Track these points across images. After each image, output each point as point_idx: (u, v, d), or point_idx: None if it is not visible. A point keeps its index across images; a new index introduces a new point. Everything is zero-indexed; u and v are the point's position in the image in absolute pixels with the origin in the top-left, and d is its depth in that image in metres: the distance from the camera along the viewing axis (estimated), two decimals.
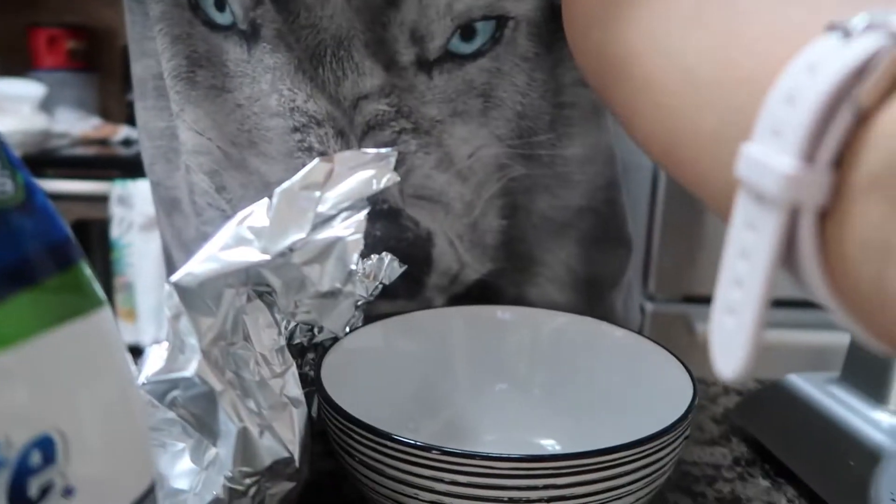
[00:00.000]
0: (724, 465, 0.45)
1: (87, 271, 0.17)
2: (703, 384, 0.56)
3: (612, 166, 0.54)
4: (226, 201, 0.52)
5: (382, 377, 0.42)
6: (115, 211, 1.71)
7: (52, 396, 0.16)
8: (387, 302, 0.50)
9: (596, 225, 0.55)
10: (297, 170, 0.46)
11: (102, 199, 1.71)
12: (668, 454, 0.32)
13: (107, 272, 1.80)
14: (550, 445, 0.43)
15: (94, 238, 1.80)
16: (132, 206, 1.70)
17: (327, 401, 0.34)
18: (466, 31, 0.46)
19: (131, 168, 1.75)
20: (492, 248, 0.52)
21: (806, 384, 0.45)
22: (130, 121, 2.01)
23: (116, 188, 1.70)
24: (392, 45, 0.45)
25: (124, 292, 1.76)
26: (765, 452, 0.46)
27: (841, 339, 0.39)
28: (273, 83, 0.47)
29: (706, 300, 1.63)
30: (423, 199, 0.49)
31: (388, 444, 0.31)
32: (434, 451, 0.30)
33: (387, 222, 0.48)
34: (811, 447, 0.42)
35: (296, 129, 0.47)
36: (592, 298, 0.58)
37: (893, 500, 0.36)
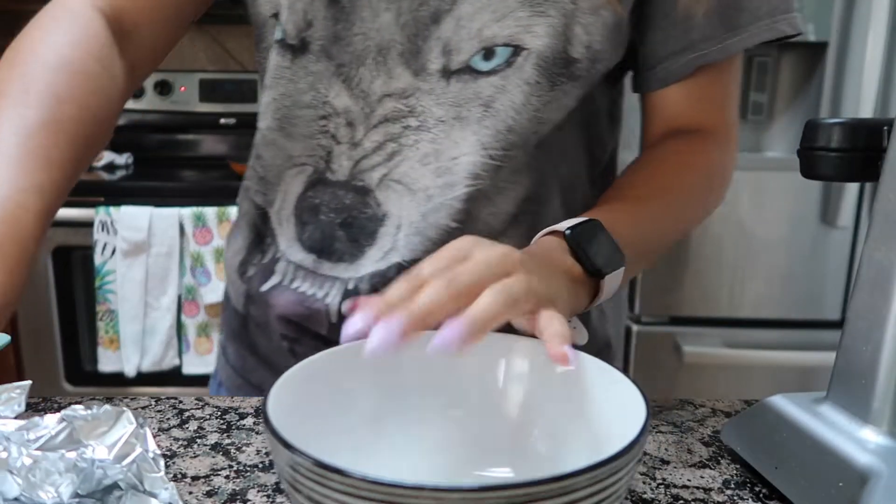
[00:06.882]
0: (714, 488, 0.45)
1: None
2: (691, 406, 0.56)
3: (537, 182, 0.60)
4: (260, 166, 0.64)
5: (332, 408, 0.41)
6: (99, 237, 1.70)
7: None
8: (330, 263, 0.59)
9: (522, 234, 0.59)
10: (315, 149, 0.60)
11: (86, 225, 1.70)
12: (621, 478, 0.32)
13: (90, 299, 1.78)
14: (506, 473, 0.42)
15: (77, 264, 1.79)
16: (115, 232, 1.69)
17: (273, 434, 0.33)
18: (488, 53, 0.55)
19: (115, 194, 1.74)
20: (432, 242, 0.57)
21: (792, 405, 0.45)
22: (113, 146, 2.00)
23: (100, 214, 1.69)
24: (426, 55, 0.56)
25: (107, 319, 1.74)
26: (755, 473, 0.46)
27: (827, 359, 0.40)
28: (312, 84, 0.59)
29: (692, 321, 1.64)
30: (398, 184, 0.57)
31: (337, 478, 0.30)
32: (384, 485, 0.29)
33: (354, 196, 0.58)
34: (800, 468, 0.42)
35: (323, 117, 0.59)
36: None
37: None
